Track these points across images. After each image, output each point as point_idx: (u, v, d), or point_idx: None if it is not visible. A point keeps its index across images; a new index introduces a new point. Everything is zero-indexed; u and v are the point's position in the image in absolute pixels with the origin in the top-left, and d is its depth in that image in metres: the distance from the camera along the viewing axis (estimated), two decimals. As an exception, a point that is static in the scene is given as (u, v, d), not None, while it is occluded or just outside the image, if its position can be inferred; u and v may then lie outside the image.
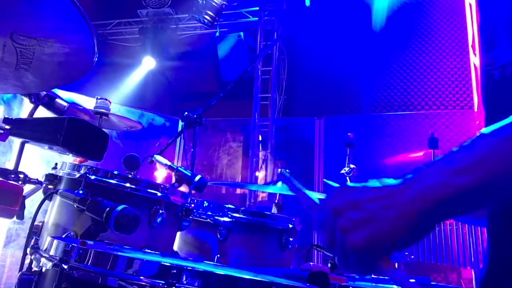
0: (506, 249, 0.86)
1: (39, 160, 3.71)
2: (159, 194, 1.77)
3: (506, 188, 0.62)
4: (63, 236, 1.60)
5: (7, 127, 1.52)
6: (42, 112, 1.94)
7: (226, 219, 2.10)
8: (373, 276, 1.69)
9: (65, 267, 1.03)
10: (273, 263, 2.17)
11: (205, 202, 2.15)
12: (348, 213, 0.70)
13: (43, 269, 1.17)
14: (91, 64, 1.20)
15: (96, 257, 1.01)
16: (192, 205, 1.97)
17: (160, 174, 4.76)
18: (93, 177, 1.69)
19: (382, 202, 0.68)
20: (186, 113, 2.50)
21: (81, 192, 1.60)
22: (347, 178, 3.25)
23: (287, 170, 2.51)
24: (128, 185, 1.74)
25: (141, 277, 0.97)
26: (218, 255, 2.01)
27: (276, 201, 2.58)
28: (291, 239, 2.21)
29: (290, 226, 2.22)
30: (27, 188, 1.78)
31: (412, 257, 2.92)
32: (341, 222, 0.71)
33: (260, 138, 6.21)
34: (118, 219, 1.36)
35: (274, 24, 6.61)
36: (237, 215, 2.13)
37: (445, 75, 5.47)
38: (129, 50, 7.57)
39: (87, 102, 2.69)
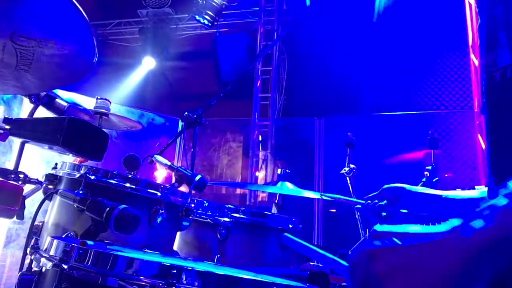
0: None
1: (39, 160, 3.71)
2: (159, 194, 1.77)
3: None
4: (63, 236, 1.60)
5: (7, 127, 1.52)
6: (42, 112, 1.94)
7: (226, 219, 2.10)
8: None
9: (65, 267, 1.03)
10: (273, 263, 2.17)
11: (205, 202, 2.15)
12: (386, 256, 0.64)
13: (43, 269, 1.17)
14: (91, 65, 1.20)
15: (96, 257, 1.02)
16: (192, 205, 1.97)
17: (160, 174, 4.77)
18: (93, 177, 1.70)
19: (425, 248, 0.62)
20: (186, 113, 2.51)
21: (81, 192, 1.60)
22: (347, 178, 3.25)
23: (288, 170, 2.52)
24: (128, 185, 1.74)
25: (141, 277, 0.97)
26: (218, 255, 2.01)
27: (276, 201, 2.58)
28: (291, 239, 2.21)
29: (290, 226, 2.22)
30: (27, 188, 1.78)
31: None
32: (378, 267, 0.64)
33: (260, 138, 6.21)
34: (118, 219, 1.36)
35: (274, 24, 6.61)
36: (237, 215, 2.13)
37: (445, 75, 5.47)
38: (129, 50, 7.57)
39: (87, 102, 2.69)
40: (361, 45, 5.80)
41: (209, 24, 6.43)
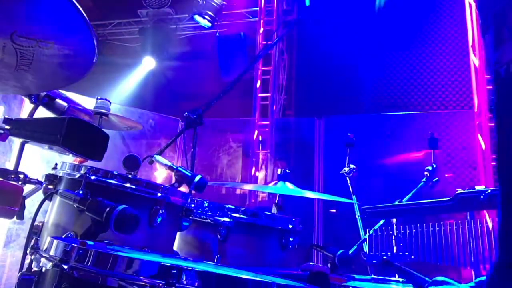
0: None
1: (39, 160, 3.71)
2: (159, 194, 1.77)
3: None
4: (63, 236, 1.60)
5: (7, 127, 1.52)
6: (42, 112, 1.94)
7: (226, 219, 2.10)
8: (373, 276, 1.69)
9: (65, 267, 1.03)
10: (273, 263, 2.17)
11: (205, 202, 2.15)
12: None
13: (43, 269, 1.17)
14: (91, 65, 1.20)
15: (96, 257, 1.02)
16: (192, 205, 1.97)
17: (160, 174, 4.77)
18: (93, 177, 1.69)
19: None
20: (186, 113, 2.50)
21: (81, 192, 1.60)
22: (347, 178, 3.26)
23: (288, 170, 2.52)
24: (128, 185, 1.74)
25: (141, 277, 0.97)
26: (218, 255, 2.01)
27: (276, 201, 2.58)
28: (291, 239, 2.21)
29: (290, 226, 2.22)
30: (27, 188, 1.78)
31: (412, 257, 2.92)
32: None
33: (260, 138, 6.21)
34: (118, 219, 1.36)
35: (274, 24, 6.61)
36: (237, 215, 2.13)
37: (445, 75, 5.48)
38: (129, 50, 7.58)
39: (87, 102, 2.69)
40: (361, 45, 5.80)
41: (209, 24, 6.43)
